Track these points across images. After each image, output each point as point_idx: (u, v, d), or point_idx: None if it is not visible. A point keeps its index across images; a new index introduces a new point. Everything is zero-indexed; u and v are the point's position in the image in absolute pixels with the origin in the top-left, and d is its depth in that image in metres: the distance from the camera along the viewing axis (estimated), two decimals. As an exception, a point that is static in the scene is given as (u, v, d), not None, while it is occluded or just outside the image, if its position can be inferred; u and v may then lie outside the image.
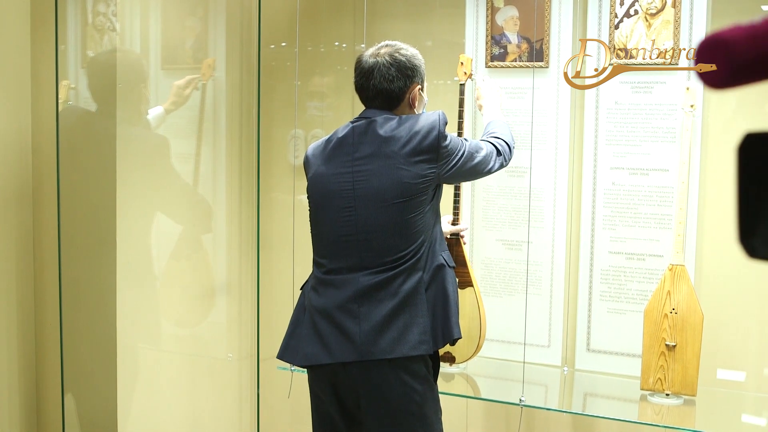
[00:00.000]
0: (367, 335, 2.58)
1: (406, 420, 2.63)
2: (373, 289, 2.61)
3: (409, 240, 2.61)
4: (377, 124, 2.65)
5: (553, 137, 3.45)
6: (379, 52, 2.70)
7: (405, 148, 2.60)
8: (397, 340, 2.57)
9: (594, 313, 3.43)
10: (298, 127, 3.94)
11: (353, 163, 2.65)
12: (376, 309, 2.59)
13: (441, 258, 2.68)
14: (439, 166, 2.62)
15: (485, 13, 3.54)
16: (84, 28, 3.55)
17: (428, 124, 2.61)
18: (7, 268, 3.63)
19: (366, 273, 2.62)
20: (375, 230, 2.61)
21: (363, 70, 2.71)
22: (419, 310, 2.60)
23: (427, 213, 2.65)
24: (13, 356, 3.67)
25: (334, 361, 2.63)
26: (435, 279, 2.64)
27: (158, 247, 3.73)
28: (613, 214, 3.37)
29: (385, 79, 2.67)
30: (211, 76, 3.80)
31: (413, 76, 2.71)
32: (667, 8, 3.22)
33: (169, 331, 3.84)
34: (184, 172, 3.79)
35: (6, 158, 3.57)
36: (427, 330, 2.59)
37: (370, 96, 2.71)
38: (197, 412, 3.96)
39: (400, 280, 2.60)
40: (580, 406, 3.44)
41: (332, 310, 2.64)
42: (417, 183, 2.59)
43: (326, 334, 2.64)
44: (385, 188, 2.59)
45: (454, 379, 3.51)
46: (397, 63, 2.68)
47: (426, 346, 2.59)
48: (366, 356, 2.58)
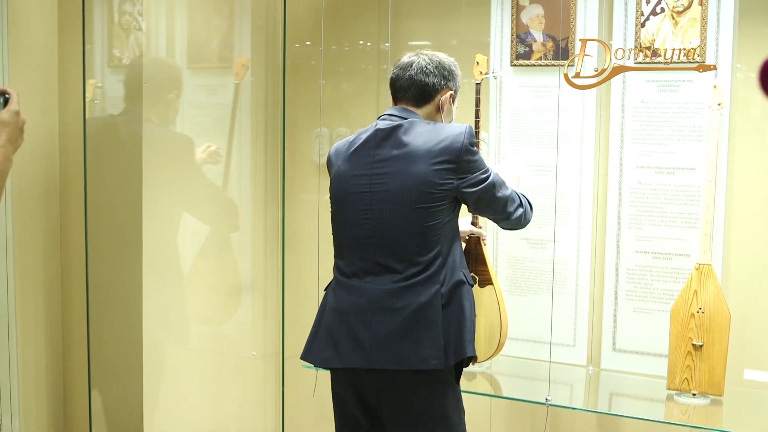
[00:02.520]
0: (378, 344, 2.56)
1: (429, 422, 2.62)
2: (388, 297, 2.58)
3: (424, 248, 2.58)
4: (401, 128, 2.63)
5: (578, 136, 3.44)
6: (419, 53, 2.75)
7: (426, 155, 2.57)
8: (407, 352, 2.54)
9: (620, 313, 3.41)
10: (323, 125, 3.94)
11: (372, 166, 2.64)
12: (389, 318, 2.57)
13: (461, 274, 2.64)
14: (458, 178, 2.58)
15: (510, 12, 3.53)
16: (110, 28, 3.57)
17: (454, 134, 2.59)
18: (35, 266, 3.66)
19: (382, 280, 2.60)
20: (390, 234, 2.59)
21: (402, 64, 2.74)
22: (433, 324, 2.56)
23: (446, 225, 2.61)
24: (41, 354, 3.70)
25: (344, 367, 2.62)
26: (453, 295, 2.60)
27: (184, 246, 3.74)
28: (639, 213, 3.35)
29: (423, 72, 2.69)
30: (244, 76, 3.82)
31: (449, 80, 2.73)
32: (694, 6, 3.20)
33: (195, 329, 3.86)
34: (213, 171, 3.80)
35: (34, 157, 3.60)
36: (439, 345, 2.55)
37: (403, 85, 2.71)
38: (222, 409, 3.98)
39: (415, 291, 2.57)
40: (606, 406, 3.42)
41: (347, 315, 2.63)
42: (435, 190, 2.56)
43: (339, 338, 2.63)
44: (402, 192, 2.57)
45: (476, 378, 3.50)
46: (437, 61, 2.72)
47: (437, 361, 2.54)
48: (375, 365, 2.56)
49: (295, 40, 3.94)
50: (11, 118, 2.34)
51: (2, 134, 2.32)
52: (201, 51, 3.80)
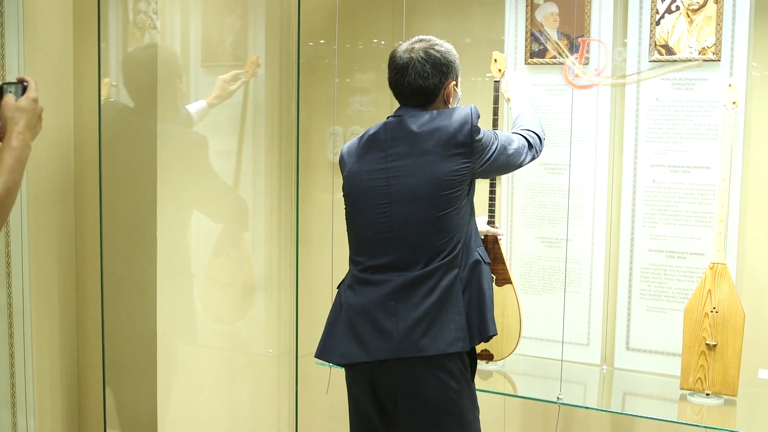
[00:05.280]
0: (405, 333, 2.57)
1: (443, 419, 2.63)
2: (410, 286, 2.59)
3: (445, 236, 2.59)
4: (410, 119, 2.64)
5: (592, 134, 3.43)
6: (413, 48, 2.67)
7: (438, 143, 2.58)
8: (434, 337, 2.56)
9: (633, 312, 3.40)
10: (337, 124, 3.95)
11: (387, 160, 2.64)
12: (413, 306, 2.58)
13: (477, 254, 2.66)
14: (473, 161, 2.60)
15: (524, 10, 3.52)
16: (125, 26, 3.58)
17: (461, 118, 2.59)
18: (50, 264, 3.68)
19: (403, 270, 2.61)
20: (411, 226, 2.60)
21: (397, 67, 2.68)
22: (456, 308, 2.58)
23: (463, 208, 2.63)
24: (55, 351, 3.72)
25: (372, 359, 2.62)
26: (472, 276, 2.62)
27: (198, 244, 3.75)
28: (653, 211, 3.34)
29: (420, 76, 2.64)
30: (254, 74, 3.82)
31: (448, 73, 2.68)
32: (710, 4, 3.18)
33: (209, 327, 3.87)
34: (225, 169, 3.81)
35: (49, 155, 3.61)
36: (463, 327, 2.58)
37: (405, 93, 2.69)
38: (236, 407, 3.99)
39: (437, 277, 2.59)
40: (619, 405, 3.41)
41: (369, 307, 2.63)
42: (451, 178, 2.57)
43: (363, 332, 2.63)
44: (420, 184, 2.58)
45: (492, 377, 3.49)
46: (432, 59, 2.65)
47: (463, 343, 2.58)
48: (403, 353, 2.57)
49: (309, 39, 3.94)
50: (30, 105, 2.37)
51: (21, 121, 2.34)
52: (215, 49, 3.80)
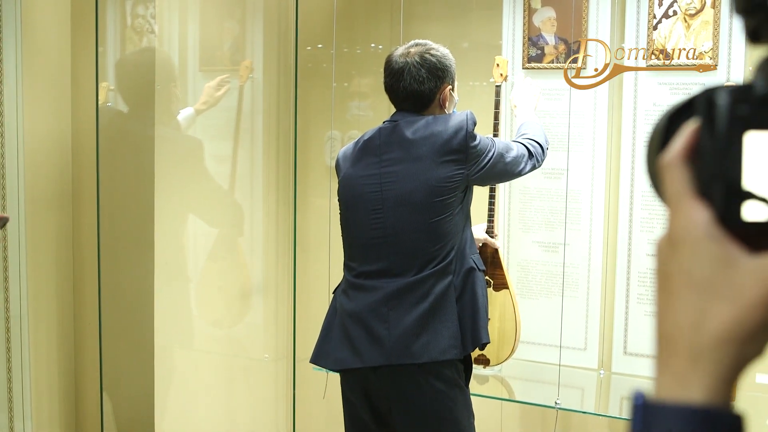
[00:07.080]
0: (397, 340, 2.56)
1: (437, 425, 2.63)
2: (403, 292, 2.59)
3: (438, 243, 2.58)
4: (404, 125, 2.62)
5: (590, 139, 3.43)
6: (409, 52, 2.66)
7: (432, 149, 2.56)
8: (426, 344, 2.55)
9: (631, 316, 3.40)
10: (335, 128, 3.95)
11: (380, 165, 2.63)
12: (406, 313, 2.57)
13: (471, 261, 2.65)
14: (467, 167, 2.58)
15: (522, 15, 3.52)
16: (123, 31, 3.58)
17: (456, 124, 2.58)
18: (48, 268, 3.67)
19: (396, 276, 2.60)
20: (404, 232, 2.59)
21: (393, 71, 2.67)
22: (449, 315, 2.57)
23: (457, 216, 2.62)
24: (53, 356, 3.71)
25: (364, 366, 2.61)
26: (466, 284, 2.61)
27: (195, 249, 3.75)
28: (651, 216, 3.34)
29: (416, 80, 2.62)
30: (248, 78, 3.82)
31: (444, 77, 2.66)
32: (707, 9, 3.19)
33: (206, 331, 3.86)
34: (220, 173, 3.81)
35: (47, 160, 3.61)
36: (456, 335, 2.57)
37: (400, 98, 2.68)
38: (233, 412, 3.98)
39: (430, 283, 2.58)
40: (617, 410, 3.41)
41: (362, 313, 2.62)
42: (445, 185, 2.56)
43: (356, 338, 2.63)
44: (414, 190, 2.57)
45: (489, 382, 3.49)
46: (428, 64, 2.63)
47: (456, 351, 2.57)
48: (395, 360, 2.56)
49: (307, 43, 3.95)
50: None
51: None
52: (213, 54, 3.80)
